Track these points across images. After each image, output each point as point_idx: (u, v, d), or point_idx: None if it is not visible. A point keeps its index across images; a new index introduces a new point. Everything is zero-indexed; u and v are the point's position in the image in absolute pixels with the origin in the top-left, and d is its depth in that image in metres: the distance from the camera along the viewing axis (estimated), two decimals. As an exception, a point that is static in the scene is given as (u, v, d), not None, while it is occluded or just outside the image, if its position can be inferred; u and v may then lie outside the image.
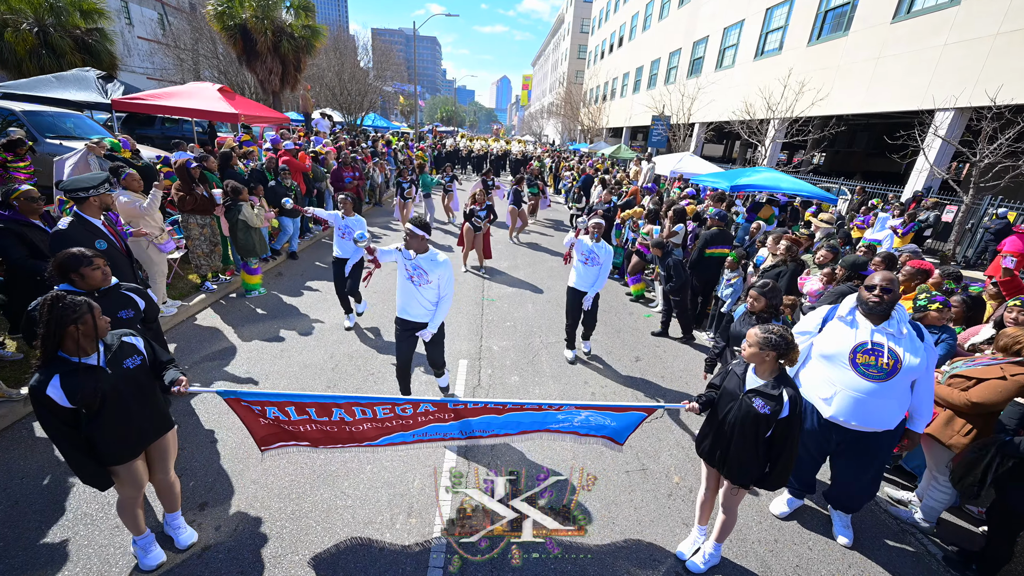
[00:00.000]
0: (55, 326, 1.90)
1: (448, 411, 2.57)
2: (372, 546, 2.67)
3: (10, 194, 3.51)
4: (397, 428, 2.61)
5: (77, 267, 2.44)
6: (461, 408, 2.55)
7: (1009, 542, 2.69)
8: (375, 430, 2.60)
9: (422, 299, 3.38)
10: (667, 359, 5.37)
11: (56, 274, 2.47)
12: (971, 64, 9.80)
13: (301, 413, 2.42)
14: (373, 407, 2.46)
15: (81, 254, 2.46)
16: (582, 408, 2.60)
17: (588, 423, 2.74)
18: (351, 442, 2.64)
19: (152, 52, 28.18)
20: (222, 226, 5.80)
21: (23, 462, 3.04)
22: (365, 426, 2.56)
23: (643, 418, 2.66)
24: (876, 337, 2.55)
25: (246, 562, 2.51)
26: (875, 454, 2.76)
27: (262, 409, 2.36)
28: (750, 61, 16.78)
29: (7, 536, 2.52)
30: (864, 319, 2.61)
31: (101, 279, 2.52)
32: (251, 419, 2.44)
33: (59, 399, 1.92)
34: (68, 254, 2.44)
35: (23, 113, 8.04)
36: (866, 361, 2.55)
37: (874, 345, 2.55)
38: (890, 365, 2.50)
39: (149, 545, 2.43)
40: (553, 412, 2.60)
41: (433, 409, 2.55)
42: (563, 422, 2.73)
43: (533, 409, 2.57)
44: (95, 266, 2.49)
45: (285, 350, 4.77)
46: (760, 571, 2.72)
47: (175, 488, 2.51)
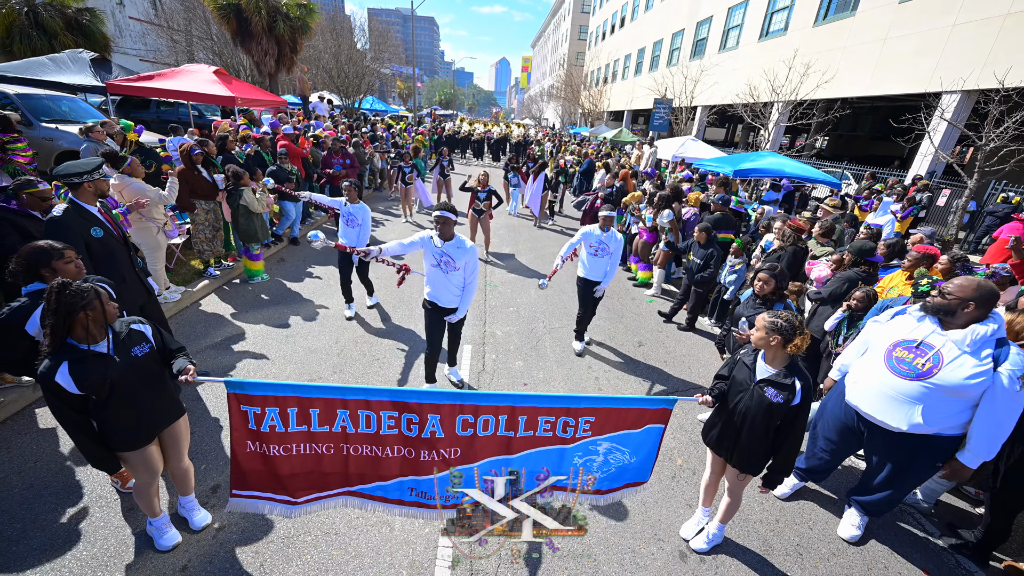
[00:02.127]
0: (64, 313, 1.89)
1: (457, 439, 2.25)
2: (383, 527, 2.72)
3: (22, 187, 3.41)
4: (396, 460, 2.28)
5: (48, 260, 2.26)
6: (470, 433, 2.23)
7: (1007, 522, 2.75)
8: (370, 458, 2.26)
9: (451, 285, 3.48)
10: (670, 344, 5.40)
11: (23, 271, 2.24)
12: (980, 45, 9.62)
13: (303, 419, 2.13)
14: (379, 413, 2.17)
15: (50, 247, 2.27)
16: (599, 440, 2.33)
17: (608, 468, 2.46)
18: (339, 482, 2.29)
19: (144, 33, 27.52)
20: (224, 212, 5.76)
21: (36, 446, 3.07)
22: (364, 449, 2.24)
23: (662, 433, 2.41)
24: (934, 339, 2.40)
25: (259, 542, 2.56)
26: (896, 451, 2.61)
27: (261, 413, 2.09)
28: (754, 42, 16.46)
29: (24, 518, 2.56)
30: (935, 320, 2.45)
31: (75, 272, 2.31)
32: (241, 435, 2.12)
33: (68, 386, 1.92)
34: (35, 247, 2.23)
35: (17, 96, 7.93)
36: (901, 355, 2.46)
37: (923, 344, 2.42)
38: (926, 368, 2.37)
39: (164, 526, 2.47)
40: (568, 448, 2.33)
41: (441, 435, 2.22)
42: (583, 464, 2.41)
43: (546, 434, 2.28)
44: (67, 259, 2.31)
45: (291, 335, 4.79)
46: (762, 550, 2.78)
47: (189, 473, 2.55)
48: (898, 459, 2.62)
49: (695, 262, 5.43)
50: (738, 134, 24.50)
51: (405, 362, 4.51)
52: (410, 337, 5.00)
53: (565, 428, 2.27)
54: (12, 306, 2.16)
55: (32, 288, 2.25)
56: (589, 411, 2.26)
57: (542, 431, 2.27)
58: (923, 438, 2.47)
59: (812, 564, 2.73)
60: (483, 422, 2.22)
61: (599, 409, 2.28)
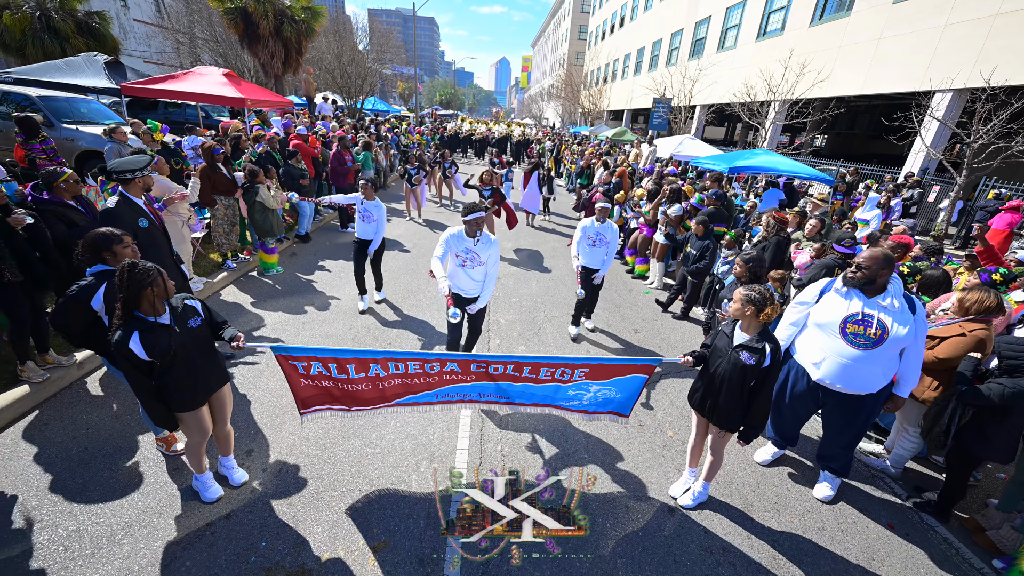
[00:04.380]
0: (134, 289, 2.19)
1: (471, 373, 2.81)
2: (401, 485, 3.03)
3: (55, 178, 3.75)
4: (422, 387, 2.86)
5: (109, 245, 2.54)
6: (483, 370, 2.78)
7: (963, 481, 3.04)
8: (403, 387, 2.84)
9: (472, 276, 3.68)
10: (664, 331, 5.70)
11: (88, 254, 2.53)
12: (971, 44, 9.89)
13: (341, 371, 2.67)
14: (406, 362, 2.70)
15: (111, 233, 2.55)
16: (591, 383, 2.81)
17: (596, 399, 2.94)
18: (381, 402, 2.87)
19: (149, 36, 27.89)
20: (241, 207, 6.08)
21: (85, 416, 3.39)
22: (396, 381, 2.80)
23: (645, 381, 2.85)
24: (867, 309, 2.74)
25: (293, 496, 2.87)
26: (858, 414, 2.99)
27: (307, 365, 2.63)
28: (752, 42, 16.73)
29: (84, 476, 2.88)
30: (858, 292, 2.80)
31: (132, 256, 2.54)
32: (295, 379, 2.69)
33: (139, 352, 2.22)
34: (99, 232, 2.52)
35: (39, 99, 8.23)
36: (855, 331, 2.78)
37: (864, 316, 2.76)
38: (877, 335, 2.70)
39: (209, 481, 2.79)
40: (564, 386, 2.83)
41: (458, 370, 2.78)
42: (573, 399, 2.93)
43: (547, 379, 2.78)
44: (125, 244, 2.59)
45: (307, 323, 5.10)
46: (743, 506, 3.08)
47: (230, 436, 2.87)
48: (853, 415, 2.98)
49: (692, 253, 5.72)
50: (737, 133, 24.75)
51: (420, 348, 4.82)
52: (420, 326, 5.30)
53: (563, 375, 2.77)
54: (80, 284, 2.47)
55: (96, 269, 2.55)
56: (584, 366, 2.75)
57: (543, 375, 2.77)
58: (874, 393, 2.85)
59: (788, 519, 3.03)
60: (493, 368, 2.73)
61: (593, 365, 2.76)
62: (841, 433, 3.10)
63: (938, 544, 2.93)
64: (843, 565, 2.73)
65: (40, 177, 3.80)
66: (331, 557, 2.52)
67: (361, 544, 2.60)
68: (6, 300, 3.31)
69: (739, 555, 2.73)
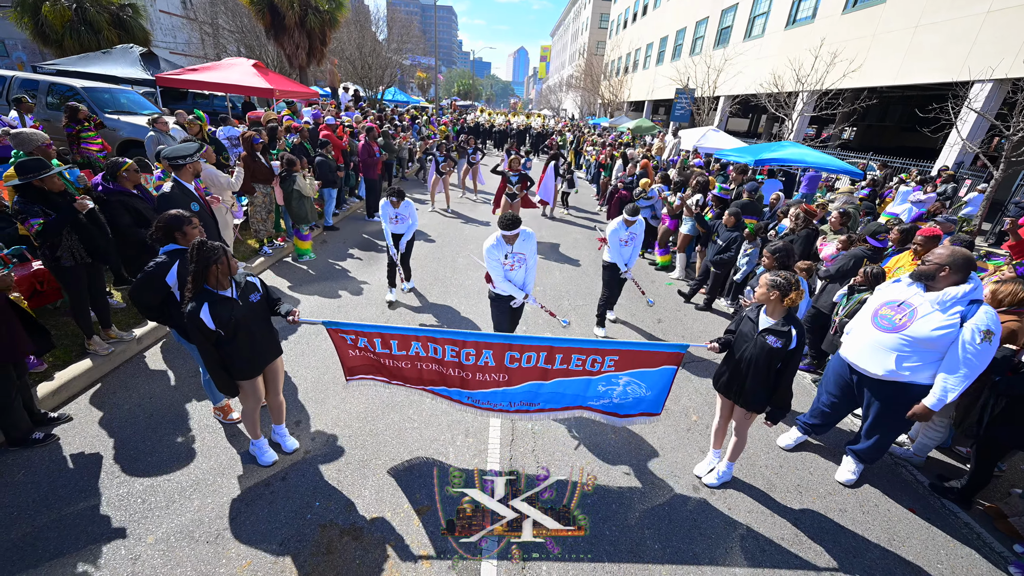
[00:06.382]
0: (204, 264, 2.41)
1: (504, 369, 2.85)
2: (439, 457, 3.23)
3: (118, 168, 3.99)
4: (456, 381, 2.96)
5: (180, 226, 2.78)
6: (516, 362, 2.81)
7: (989, 470, 3.09)
8: (438, 374, 2.95)
9: (517, 277, 3.81)
10: (687, 322, 5.77)
11: (161, 234, 2.77)
12: (1015, 33, 9.51)
13: (385, 346, 2.88)
14: (443, 345, 2.81)
15: (181, 215, 2.80)
16: (620, 374, 2.86)
17: (626, 397, 2.96)
18: (417, 383, 3.04)
19: (175, 27, 28.49)
20: (276, 195, 6.33)
21: (148, 386, 3.68)
22: (432, 366, 2.92)
23: (674, 374, 2.87)
24: (916, 299, 2.74)
25: (340, 462, 3.10)
26: (877, 400, 2.97)
27: (355, 339, 2.85)
28: (781, 30, 16.31)
29: (152, 439, 3.15)
30: (919, 285, 2.77)
31: (198, 236, 2.74)
32: (344, 350, 2.94)
33: (208, 322, 2.44)
34: (172, 215, 2.78)
35: (84, 89, 8.59)
36: (885, 313, 2.86)
37: (904, 304, 2.79)
38: (901, 322, 2.75)
39: (264, 446, 3.03)
40: (594, 379, 2.89)
41: (492, 364, 2.82)
42: (603, 396, 2.98)
43: (577, 369, 2.84)
44: (193, 225, 2.84)
45: (342, 306, 5.33)
46: (765, 487, 3.20)
47: (283, 406, 3.10)
48: (880, 404, 3.00)
49: (718, 243, 5.76)
50: (762, 124, 24.21)
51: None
52: (447, 312, 5.48)
53: (593, 364, 2.85)
54: (156, 261, 2.70)
55: (168, 248, 2.78)
56: (614, 351, 2.83)
57: (574, 365, 2.85)
58: (900, 386, 2.85)
59: (810, 500, 3.13)
60: (527, 357, 2.81)
61: (622, 351, 2.84)
62: (867, 415, 3.13)
63: (959, 528, 3.00)
64: (864, 544, 2.83)
65: (104, 167, 4.06)
66: (378, 516, 2.73)
67: (406, 507, 2.80)
68: (65, 279, 3.57)
69: (762, 531, 2.85)
